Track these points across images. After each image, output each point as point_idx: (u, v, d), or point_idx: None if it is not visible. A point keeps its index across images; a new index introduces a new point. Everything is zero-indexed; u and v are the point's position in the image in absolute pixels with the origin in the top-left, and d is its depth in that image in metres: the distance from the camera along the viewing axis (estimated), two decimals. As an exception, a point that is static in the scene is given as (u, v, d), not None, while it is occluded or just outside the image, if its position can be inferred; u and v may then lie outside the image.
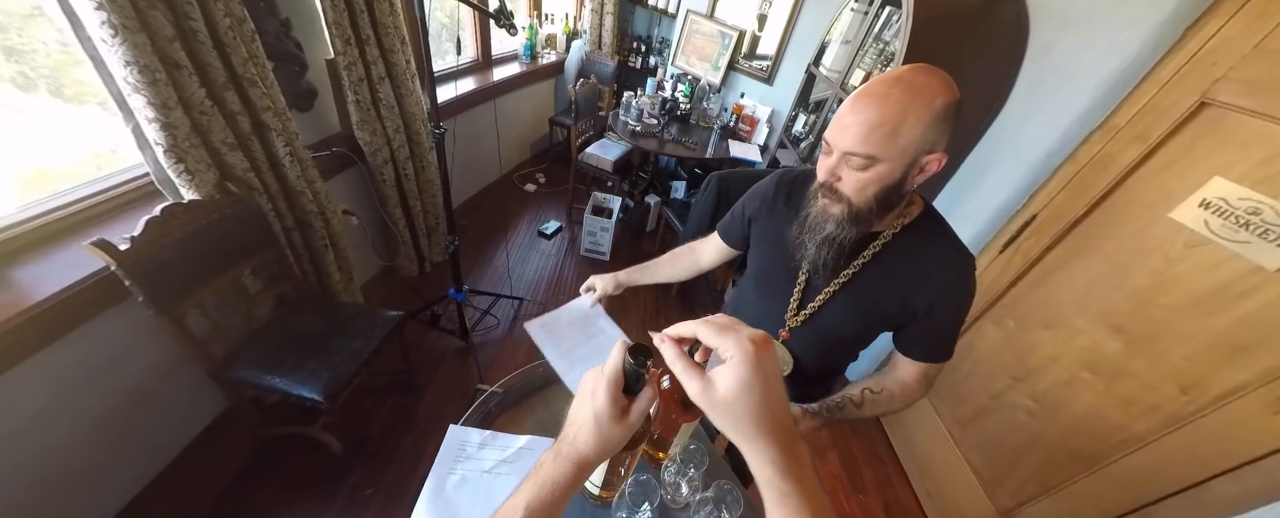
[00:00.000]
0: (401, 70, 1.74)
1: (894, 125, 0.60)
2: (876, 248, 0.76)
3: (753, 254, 0.95)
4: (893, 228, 0.74)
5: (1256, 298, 0.94)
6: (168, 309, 1.02)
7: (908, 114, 0.59)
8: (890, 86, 0.60)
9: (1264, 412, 0.91)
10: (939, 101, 0.59)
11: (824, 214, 0.71)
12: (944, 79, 0.60)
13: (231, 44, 1.14)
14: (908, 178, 0.64)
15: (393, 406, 1.62)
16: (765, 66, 2.73)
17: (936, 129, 0.60)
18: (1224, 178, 0.99)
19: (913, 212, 0.75)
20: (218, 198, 1.15)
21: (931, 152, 0.62)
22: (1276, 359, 0.90)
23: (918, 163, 0.63)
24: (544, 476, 0.43)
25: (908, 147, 0.61)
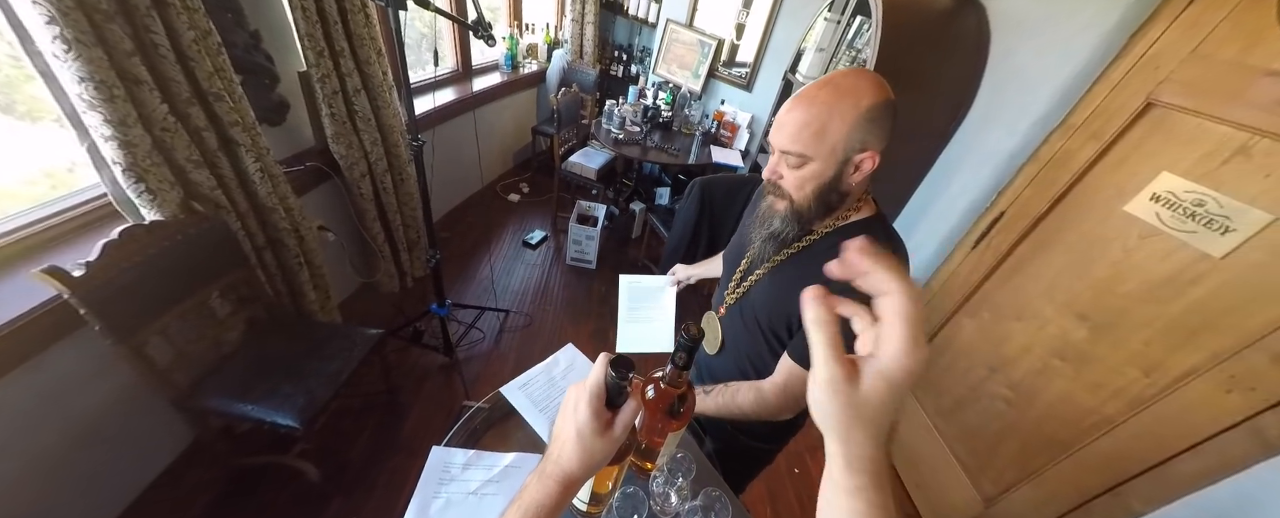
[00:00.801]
0: (378, 82, 1.71)
1: (821, 125, 0.63)
2: (806, 243, 0.76)
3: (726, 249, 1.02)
4: (829, 228, 0.75)
5: (1205, 284, 0.99)
6: (127, 338, 0.97)
7: (833, 114, 0.62)
8: (819, 89, 0.63)
9: (1216, 391, 0.96)
10: (865, 102, 0.61)
11: (771, 210, 0.75)
12: (873, 82, 0.62)
13: (196, 57, 1.09)
14: (842, 176, 0.67)
15: (374, 427, 1.56)
16: (744, 74, 2.77)
17: (864, 129, 0.62)
18: (1171, 172, 1.05)
19: (855, 215, 0.75)
20: (182, 218, 1.10)
21: (863, 150, 0.64)
22: (1224, 342, 0.96)
23: (850, 161, 0.65)
24: (528, 499, 0.42)
25: (836, 145, 0.63)
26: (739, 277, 0.86)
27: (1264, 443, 0.88)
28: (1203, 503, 0.95)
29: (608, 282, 2.52)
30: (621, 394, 0.44)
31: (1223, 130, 0.98)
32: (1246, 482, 0.90)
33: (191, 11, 1.08)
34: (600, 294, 2.41)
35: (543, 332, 2.12)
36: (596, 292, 2.43)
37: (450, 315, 1.77)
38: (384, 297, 2.06)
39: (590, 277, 2.53)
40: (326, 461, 1.38)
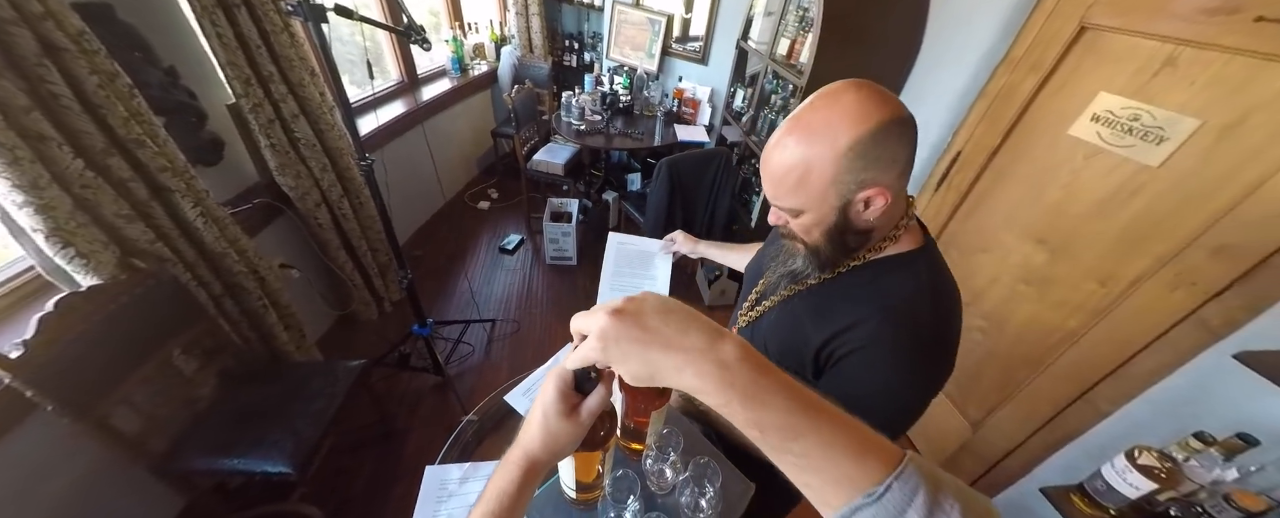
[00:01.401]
0: (316, 104, 1.62)
1: (799, 174, 0.54)
2: (825, 277, 0.67)
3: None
4: (858, 261, 0.64)
5: (1145, 194, 1.05)
6: (86, 414, 0.91)
7: (810, 161, 0.53)
8: (788, 131, 0.54)
9: (1164, 291, 1.03)
10: (843, 140, 0.50)
11: (791, 249, 0.68)
12: (854, 108, 0.50)
13: (106, 104, 1.01)
14: (850, 219, 0.57)
15: (374, 459, 1.54)
16: (698, 48, 2.72)
17: (856, 168, 0.52)
18: (1108, 91, 1.09)
19: (891, 247, 0.63)
20: (123, 278, 1.04)
21: (863, 189, 0.53)
22: (1166, 245, 1.02)
23: (851, 203, 0.55)
24: (491, 488, 0.42)
25: (824, 192, 0.54)
26: (755, 298, 0.79)
27: (1209, 331, 0.95)
28: (1160, 395, 1.03)
29: (591, 276, 2.50)
30: (589, 380, 0.44)
31: (1150, 45, 1.01)
32: (1194, 371, 0.97)
33: (90, 55, 0.99)
34: (585, 289, 2.39)
35: (532, 336, 2.10)
36: (582, 287, 2.41)
37: (434, 334, 1.73)
38: (364, 326, 2.00)
39: (573, 273, 2.50)
40: (329, 501, 1.36)
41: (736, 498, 0.78)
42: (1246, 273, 0.90)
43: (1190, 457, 0.86)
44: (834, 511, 0.30)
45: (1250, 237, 0.90)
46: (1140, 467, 0.88)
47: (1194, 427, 0.88)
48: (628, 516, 0.70)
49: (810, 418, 0.31)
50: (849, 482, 0.30)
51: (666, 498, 0.78)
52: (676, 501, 0.75)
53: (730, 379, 0.32)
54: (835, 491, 0.30)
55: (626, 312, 0.35)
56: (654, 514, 0.70)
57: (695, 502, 0.73)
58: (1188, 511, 0.82)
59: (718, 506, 0.74)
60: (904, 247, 0.63)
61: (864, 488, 0.29)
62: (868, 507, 0.29)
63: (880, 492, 0.28)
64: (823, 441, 0.31)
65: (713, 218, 2.16)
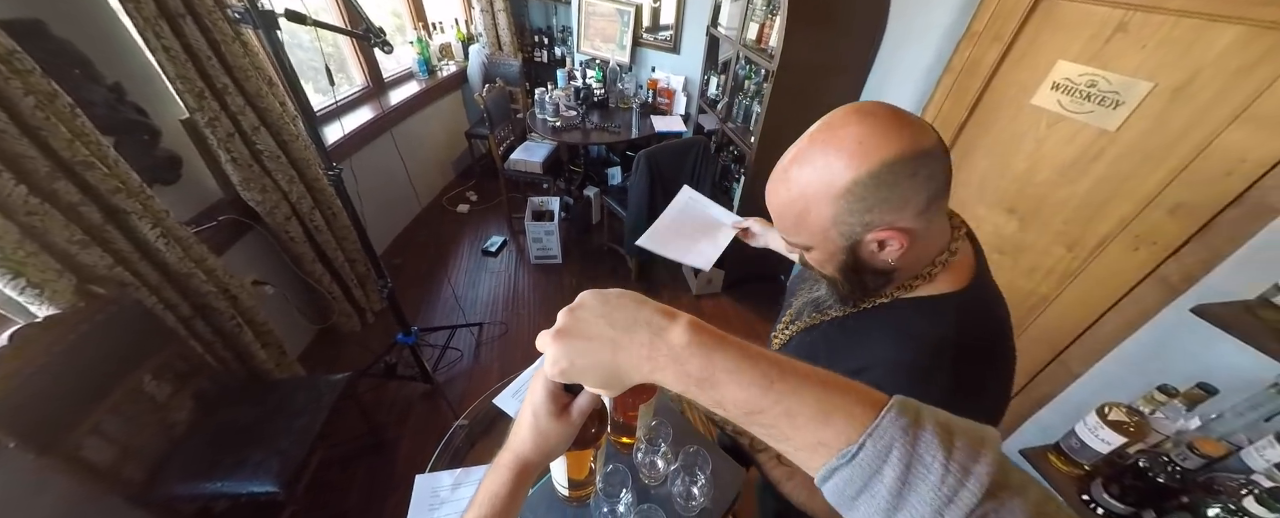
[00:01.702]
0: (277, 115, 1.57)
1: (798, 212, 0.49)
2: (849, 310, 0.61)
3: None
4: (888, 298, 0.57)
5: (1105, 158, 1.07)
6: (51, 448, 0.88)
7: (807, 200, 0.48)
8: (789, 163, 0.49)
9: (1126, 251, 1.06)
10: (840, 183, 0.45)
11: (818, 279, 0.63)
12: (850, 148, 0.44)
13: (45, 126, 0.97)
14: (860, 259, 0.51)
15: (365, 472, 1.52)
16: (669, 36, 2.70)
17: (856, 209, 0.46)
18: (1065, 59, 1.11)
19: (924, 287, 0.55)
20: (82, 305, 1.00)
21: (871, 230, 0.47)
22: (1127, 207, 1.05)
23: (859, 244, 0.49)
24: (482, 492, 0.41)
25: (826, 232, 0.49)
26: (788, 319, 0.75)
27: (1169, 288, 0.98)
28: (1127, 352, 1.07)
29: (577, 273, 2.49)
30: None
31: (1102, 11, 1.03)
32: (1157, 327, 1.01)
33: (23, 75, 0.95)
34: (572, 286, 2.38)
35: (521, 337, 2.09)
36: (568, 285, 2.40)
37: (420, 341, 1.71)
38: (347, 338, 1.97)
39: (559, 271, 2.49)
40: (323, 516, 1.34)
41: (728, 484, 0.79)
42: (1200, 229, 0.93)
43: (1156, 409, 0.89)
44: (814, 471, 0.30)
45: (1202, 194, 0.93)
46: (1111, 423, 0.91)
47: (1159, 381, 0.91)
48: (621, 509, 0.70)
49: (766, 388, 0.30)
50: (822, 446, 0.29)
51: (659, 489, 0.78)
52: (669, 491, 0.76)
53: (683, 367, 0.32)
54: (810, 456, 0.30)
55: (567, 330, 0.35)
56: (647, 506, 0.70)
57: (687, 490, 0.74)
58: (1155, 461, 0.85)
59: (710, 493, 0.75)
60: (941, 287, 0.54)
61: (837, 449, 0.28)
62: (843, 468, 0.28)
63: (853, 452, 0.27)
64: (785, 410, 0.30)
65: (694, 207, 2.15)
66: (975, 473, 0.26)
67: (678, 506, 0.75)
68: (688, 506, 0.74)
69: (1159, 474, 0.83)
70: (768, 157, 1.84)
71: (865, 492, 0.27)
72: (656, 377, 0.33)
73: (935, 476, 0.26)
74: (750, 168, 1.89)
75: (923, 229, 0.48)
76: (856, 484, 0.28)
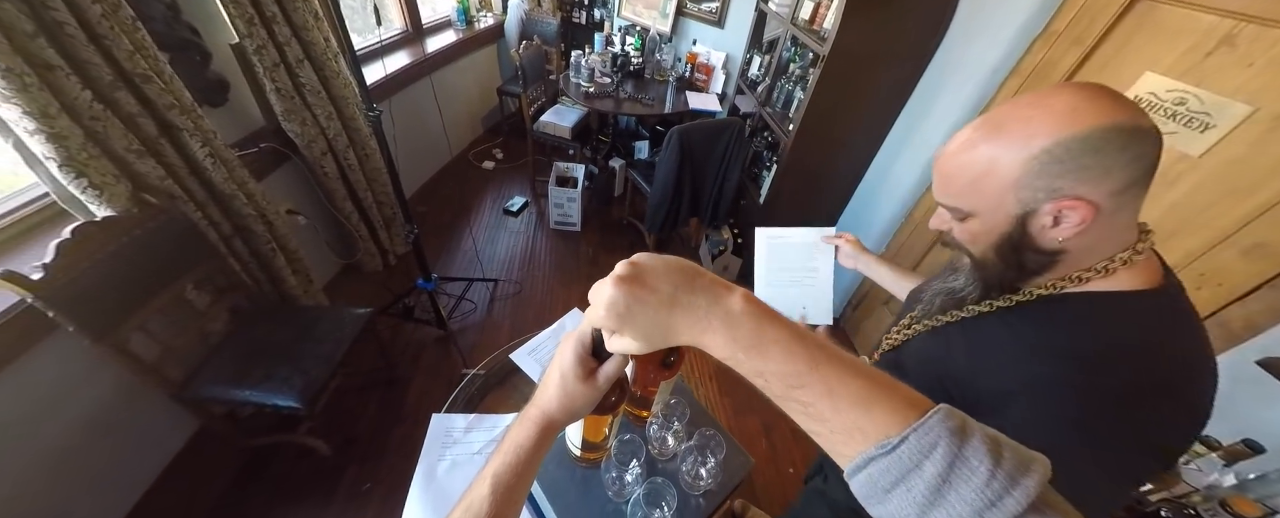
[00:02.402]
0: (320, 50, 1.59)
1: (977, 172, 0.47)
2: (998, 304, 0.55)
3: None
4: (1048, 290, 0.51)
5: (1181, 185, 1.00)
6: (105, 336, 0.96)
7: (992, 158, 0.45)
8: (974, 127, 0.47)
9: (1188, 289, 0.99)
10: (1039, 142, 0.42)
11: (956, 263, 0.59)
12: (1059, 110, 0.42)
13: (110, 35, 1.00)
14: (1027, 232, 0.47)
15: (377, 402, 1.61)
16: (715, 9, 2.61)
17: (1049, 173, 0.43)
18: (1154, 72, 1.02)
19: (1099, 282, 0.49)
20: (136, 212, 1.06)
21: (1054, 198, 0.44)
22: (1196, 241, 0.97)
23: (1034, 214, 0.46)
24: (508, 441, 0.43)
25: (1001, 195, 0.46)
26: (907, 323, 0.68)
27: (1229, 334, 0.91)
28: None
29: (594, 243, 2.51)
30: (606, 347, 0.44)
31: (1209, 20, 0.94)
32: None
33: (92, -19, 0.97)
34: (588, 256, 2.41)
35: (534, 298, 2.14)
36: (584, 254, 2.43)
37: (438, 289, 1.77)
38: (368, 276, 2.04)
39: (576, 239, 2.52)
40: (335, 435, 1.44)
41: (736, 470, 0.81)
42: (1276, 276, 0.86)
43: (1191, 459, 0.84)
44: (846, 460, 0.30)
45: (1289, 237, 0.85)
46: (1139, 466, 0.88)
47: (1208, 430, 0.88)
48: (628, 478, 0.73)
49: (813, 365, 0.31)
50: (859, 432, 0.29)
51: (667, 464, 0.81)
52: (677, 467, 0.79)
53: (734, 332, 0.33)
54: (845, 439, 0.30)
55: (630, 277, 0.35)
56: (660, 480, 0.73)
57: (696, 471, 0.76)
58: (1179, 512, 0.80)
59: (718, 477, 0.77)
60: (1122, 284, 0.48)
61: (877, 439, 0.28)
62: (881, 458, 0.28)
63: (894, 443, 0.27)
64: (828, 388, 0.30)
65: (721, 191, 2.14)
66: (1023, 484, 0.25)
67: (685, 483, 0.78)
68: (695, 484, 0.77)
69: (1184, 530, 0.79)
70: (805, 146, 1.78)
71: (901, 484, 0.27)
72: (705, 339, 0.34)
73: (980, 478, 0.26)
74: (785, 156, 1.85)
75: (1110, 212, 0.44)
76: (892, 476, 0.27)
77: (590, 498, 0.75)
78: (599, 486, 0.76)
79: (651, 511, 0.70)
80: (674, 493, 0.72)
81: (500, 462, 0.42)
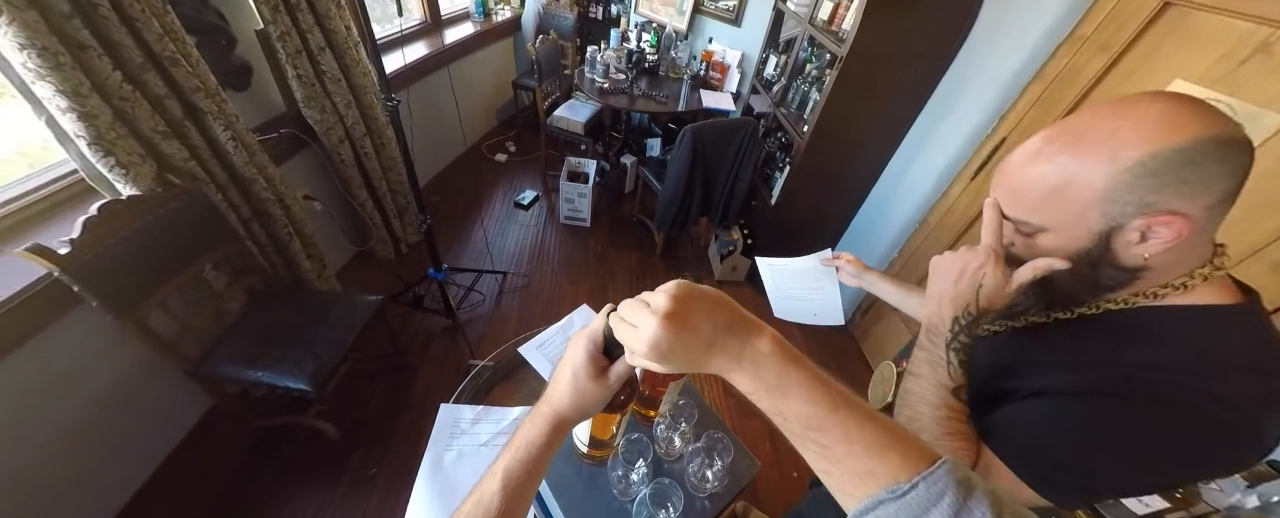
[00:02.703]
0: (342, 38, 1.61)
1: (1052, 186, 0.43)
2: (1059, 315, 0.52)
3: None
4: (1120, 305, 0.48)
5: None
6: (126, 312, 0.98)
7: (1072, 173, 0.42)
8: (1046, 139, 0.44)
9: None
10: (1131, 154, 0.40)
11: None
12: (1152, 120, 0.39)
13: (141, 18, 1.02)
14: (1111, 249, 0.44)
15: (386, 388, 1.63)
16: (732, 7, 2.60)
17: (1142, 186, 0.40)
18: (1184, 79, 1.00)
19: (1173, 296, 0.46)
20: (160, 191, 1.08)
21: (1145, 213, 0.41)
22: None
23: (1120, 229, 0.42)
24: (519, 438, 0.43)
25: (1083, 211, 0.43)
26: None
27: None
28: None
29: (603, 240, 2.52)
30: (619, 346, 0.44)
31: (1244, 26, 0.92)
32: None
33: (125, -36, 0.99)
34: (597, 252, 2.42)
35: (542, 292, 2.15)
36: (593, 249, 2.44)
37: (448, 280, 1.79)
38: (380, 264, 2.06)
39: (586, 235, 2.52)
40: (343, 419, 1.46)
41: (742, 473, 0.81)
42: None
43: (1213, 480, 0.83)
44: (855, 501, 0.32)
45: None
46: (1158, 485, 0.86)
47: None
48: (634, 477, 0.73)
49: (832, 411, 0.33)
50: (870, 476, 0.31)
51: (673, 464, 0.81)
52: (684, 468, 0.79)
53: (760, 373, 0.35)
54: (856, 482, 0.32)
55: (676, 316, 0.35)
56: (666, 482, 0.73)
57: (702, 472, 0.76)
58: None
59: (724, 480, 0.77)
60: (1203, 297, 0.45)
61: (886, 484, 0.30)
62: (890, 502, 0.29)
63: (904, 489, 0.29)
64: (845, 434, 0.32)
65: (733, 192, 2.13)
66: None
67: (690, 484, 0.77)
68: (701, 486, 0.77)
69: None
70: (819, 148, 1.77)
71: None
72: (732, 376, 0.36)
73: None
74: (798, 157, 1.84)
75: (1202, 226, 0.41)
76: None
77: (596, 496, 0.75)
78: (605, 484, 0.76)
79: (657, 511, 0.70)
80: (680, 494, 0.72)
81: (511, 458, 0.42)
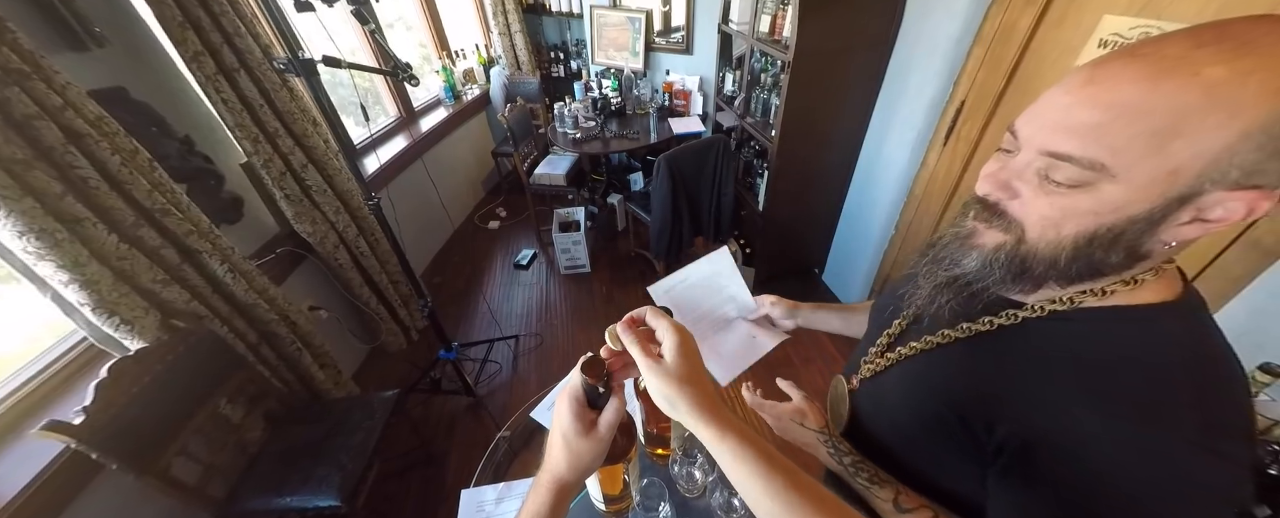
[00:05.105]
0: (322, 152, 1.69)
1: (1173, 118, 0.30)
2: (1009, 319, 0.43)
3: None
4: (1063, 305, 0.40)
5: None
6: (148, 468, 0.98)
7: (1214, 102, 0.29)
8: (1198, 44, 0.29)
9: None
10: (1260, 110, 0.28)
11: (966, 241, 0.42)
12: None
13: (129, 180, 1.09)
14: (1161, 224, 0.33)
15: (419, 483, 1.59)
16: (681, 38, 2.70)
17: (1272, 145, 0.29)
18: (1111, 13, 1.03)
19: (1123, 294, 0.39)
20: (166, 338, 1.11)
21: (1242, 185, 0.31)
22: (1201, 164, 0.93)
23: (1197, 198, 0.32)
24: (526, 513, 0.43)
25: (1188, 165, 0.31)
26: (886, 342, 0.57)
27: (1263, 252, 0.87)
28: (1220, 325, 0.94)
29: (606, 281, 2.51)
30: (600, 395, 0.44)
31: None
32: (1251, 298, 0.90)
33: (111, 136, 1.07)
34: (603, 295, 2.40)
35: (556, 347, 2.13)
36: (598, 293, 2.43)
37: (461, 356, 1.78)
38: (395, 356, 2.07)
39: (588, 280, 2.52)
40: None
41: None
42: None
43: (1260, 391, 0.79)
44: None
45: (1295, 144, 0.82)
46: (1204, 410, 0.82)
47: (1259, 358, 0.80)
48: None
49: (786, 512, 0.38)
50: None
51: (697, 501, 0.77)
52: (708, 502, 0.74)
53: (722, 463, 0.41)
54: None
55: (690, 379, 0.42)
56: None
57: (727, 502, 0.72)
58: (1264, 450, 0.74)
59: None
60: (1145, 297, 0.38)
61: None
62: None
63: None
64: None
65: (719, 207, 2.13)
66: None
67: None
68: (731, 517, 0.73)
69: (1271, 465, 0.73)
70: (791, 148, 1.79)
71: None
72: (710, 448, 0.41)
73: None
74: (774, 161, 1.85)
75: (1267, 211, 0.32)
76: None
77: (627, 551, 0.70)
78: (633, 536, 0.71)
79: (691, 555, 0.65)
80: (713, 533, 0.67)
81: None
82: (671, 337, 0.42)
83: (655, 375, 0.41)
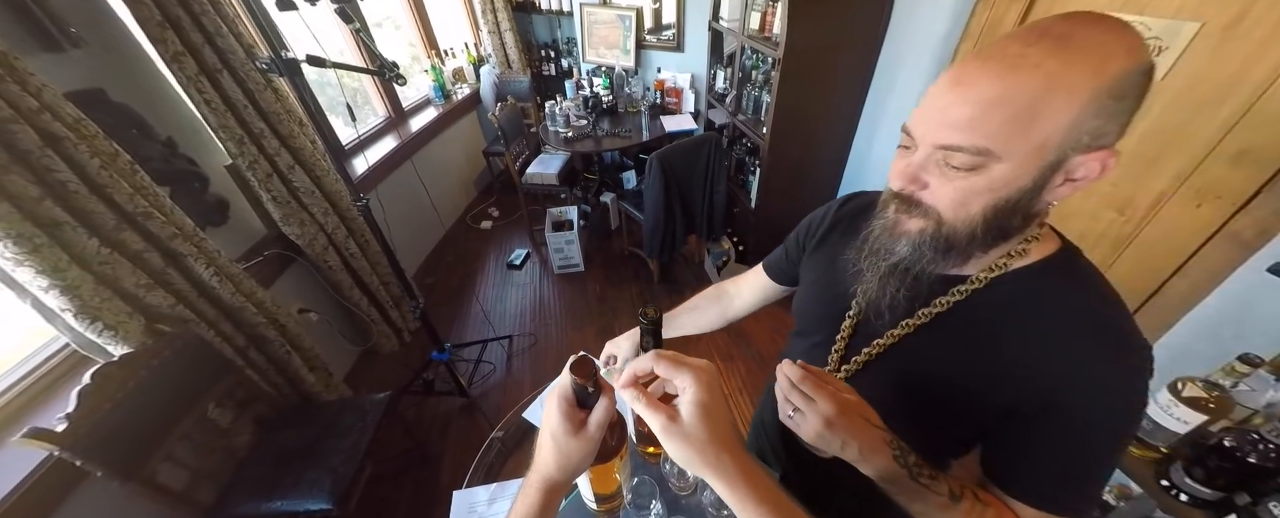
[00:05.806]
0: (309, 153, 1.67)
1: (1028, 104, 0.36)
2: (959, 295, 0.48)
3: (797, 296, 0.72)
4: (993, 269, 0.47)
5: (1152, 110, 1.00)
6: (133, 474, 0.97)
7: (1054, 87, 0.35)
8: (1028, 44, 0.36)
9: (1187, 208, 0.99)
10: (1113, 66, 0.35)
11: (892, 231, 0.46)
12: (1122, 33, 0.36)
13: (110, 183, 1.07)
14: (1044, 188, 0.40)
15: (412, 485, 1.58)
16: (671, 36, 2.70)
17: (1104, 112, 0.36)
18: (1094, 8, 1.02)
19: (1034, 249, 0.46)
20: (151, 343, 1.09)
21: (1093, 148, 0.37)
22: (1183, 160, 0.97)
23: (1063, 164, 0.38)
24: (516, 514, 0.43)
25: (1049, 139, 0.37)
26: (844, 346, 0.58)
27: (1241, 245, 0.89)
28: (1198, 320, 0.97)
29: (600, 280, 2.51)
30: (589, 394, 0.44)
31: None
32: (1230, 290, 0.92)
33: (90, 139, 1.05)
34: (596, 294, 2.40)
35: (550, 346, 2.12)
36: (592, 292, 2.42)
37: (454, 357, 1.77)
38: (388, 358, 2.06)
39: (582, 279, 2.52)
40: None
41: None
42: (1273, 177, 0.84)
43: (1238, 381, 0.80)
44: None
45: (1270, 137, 0.84)
46: (1186, 399, 0.83)
47: (1238, 349, 0.82)
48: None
49: None
50: None
51: (689, 498, 0.77)
52: (699, 500, 0.75)
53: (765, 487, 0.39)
54: None
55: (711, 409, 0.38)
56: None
57: (718, 498, 0.72)
58: (1243, 439, 0.76)
59: None
60: (1048, 249, 0.47)
61: None
62: None
63: None
64: None
65: (712, 204, 2.13)
66: None
67: (710, 516, 0.73)
68: (721, 515, 0.72)
69: (1250, 454, 0.74)
70: (782, 144, 1.80)
71: None
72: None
73: None
74: (765, 157, 1.86)
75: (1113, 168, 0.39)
76: None
77: (616, 549, 0.70)
78: (623, 535, 0.71)
79: (681, 552, 0.65)
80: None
81: None
82: (691, 390, 0.37)
83: (670, 439, 0.37)
